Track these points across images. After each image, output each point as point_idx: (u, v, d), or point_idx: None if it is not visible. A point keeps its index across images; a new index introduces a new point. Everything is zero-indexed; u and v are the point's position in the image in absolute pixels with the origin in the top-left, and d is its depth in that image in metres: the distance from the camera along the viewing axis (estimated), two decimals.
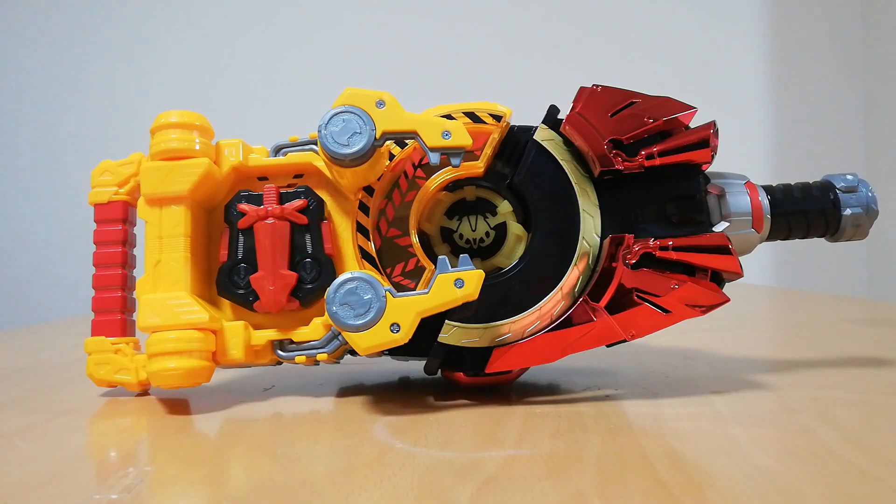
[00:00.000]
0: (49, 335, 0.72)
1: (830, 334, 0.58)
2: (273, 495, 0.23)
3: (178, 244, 0.36)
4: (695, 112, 0.35)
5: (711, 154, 0.35)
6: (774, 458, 0.26)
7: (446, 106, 0.36)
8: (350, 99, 0.33)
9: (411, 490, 0.23)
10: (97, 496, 0.23)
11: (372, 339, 0.32)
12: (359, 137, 0.33)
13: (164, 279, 0.36)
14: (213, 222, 0.38)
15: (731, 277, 0.35)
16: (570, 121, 0.35)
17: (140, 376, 0.37)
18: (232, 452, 0.29)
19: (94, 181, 0.39)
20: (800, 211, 0.37)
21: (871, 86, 1.41)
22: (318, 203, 0.36)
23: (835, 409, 0.33)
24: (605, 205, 0.36)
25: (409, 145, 0.37)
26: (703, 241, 0.34)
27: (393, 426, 0.31)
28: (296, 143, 0.38)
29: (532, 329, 0.35)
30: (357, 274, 0.32)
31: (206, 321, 0.34)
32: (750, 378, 0.40)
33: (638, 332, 0.34)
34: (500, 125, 0.36)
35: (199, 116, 0.37)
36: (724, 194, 0.36)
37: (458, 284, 0.32)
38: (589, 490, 0.23)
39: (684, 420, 0.31)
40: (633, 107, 0.35)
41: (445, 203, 0.38)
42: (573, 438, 0.29)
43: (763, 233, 0.37)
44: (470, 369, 0.35)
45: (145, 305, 0.35)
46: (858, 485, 0.23)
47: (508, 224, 0.37)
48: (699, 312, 0.34)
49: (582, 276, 0.35)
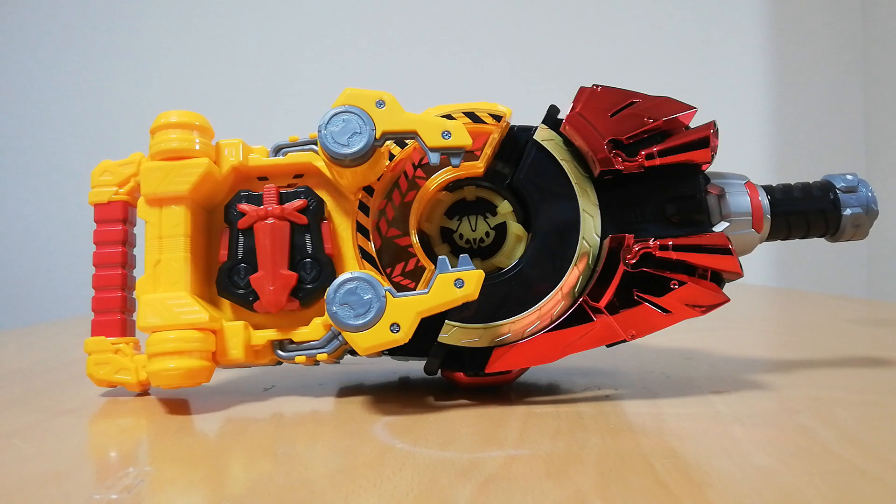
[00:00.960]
0: (49, 335, 0.72)
1: (830, 334, 0.58)
2: (273, 495, 0.23)
3: (178, 244, 0.36)
4: (695, 112, 0.35)
5: (711, 154, 0.35)
6: (774, 458, 0.26)
7: (446, 106, 0.36)
8: (350, 99, 0.33)
9: (411, 490, 0.23)
10: (97, 496, 0.23)
11: (372, 339, 0.32)
12: (359, 137, 0.33)
13: (164, 279, 0.36)
14: (213, 222, 0.38)
15: (731, 277, 0.35)
16: (570, 121, 0.35)
17: (140, 376, 0.37)
18: (232, 452, 0.29)
19: (94, 181, 0.39)
20: (800, 211, 0.37)
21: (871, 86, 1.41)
22: (318, 203, 0.36)
23: (835, 409, 0.33)
24: (605, 205, 0.36)
25: (409, 145, 0.37)
26: (704, 241, 0.34)
27: (393, 426, 0.31)
28: (296, 143, 0.38)
29: (532, 329, 0.35)
30: (357, 274, 0.32)
31: (206, 321, 0.34)
32: (750, 378, 0.40)
33: (638, 333, 0.34)
34: (500, 125, 0.36)
35: (199, 116, 0.37)
36: (724, 194, 0.36)
37: (459, 284, 0.32)
38: (589, 490, 0.23)
39: (684, 420, 0.31)
40: (633, 107, 0.35)
41: (445, 203, 0.38)
42: (573, 438, 0.29)
43: (763, 233, 0.37)
44: (470, 369, 0.35)
45: (145, 305, 0.35)
46: (858, 485, 0.23)
47: (508, 224, 0.37)
48: (699, 312, 0.34)
49: (582, 276, 0.35)
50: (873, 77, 1.40)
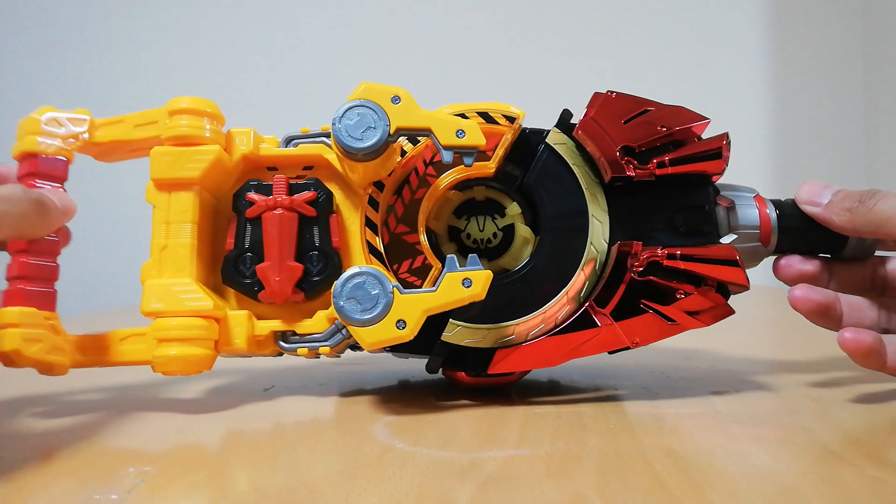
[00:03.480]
0: None
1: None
2: (273, 495, 0.23)
3: (185, 230, 0.36)
4: (708, 123, 0.35)
5: (723, 166, 0.35)
6: (774, 458, 0.26)
7: (460, 105, 0.36)
8: (365, 93, 0.33)
9: (411, 490, 0.23)
10: (97, 496, 0.23)
11: (377, 334, 0.32)
12: (373, 132, 0.33)
13: (170, 265, 0.35)
14: (221, 210, 0.38)
15: (737, 290, 0.35)
16: (583, 126, 0.35)
17: (74, 358, 0.35)
18: (232, 452, 0.29)
19: (34, 127, 0.35)
20: (808, 227, 0.37)
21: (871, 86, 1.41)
22: (327, 196, 0.36)
23: (835, 409, 0.33)
24: (615, 211, 0.36)
25: (422, 142, 0.37)
26: (711, 252, 0.34)
27: (393, 426, 0.32)
28: (307, 134, 0.37)
29: (536, 332, 0.35)
30: (365, 269, 0.32)
31: (210, 309, 0.34)
32: (750, 378, 0.40)
33: (642, 341, 0.34)
34: (513, 127, 0.36)
35: (211, 103, 0.37)
36: (734, 206, 0.36)
37: (466, 284, 0.32)
38: (589, 490, 0.23)
39: (684, 420, 0.32)
40: (646, 115, 0.35)
41: (455, 202, 0.38)
42: (573, 438, 0.29)
43: (770, 246, 0.37)
44: (472, 369, 0.35)
45: (149, 290, 0.35)
46: (858, 485, 0.23)
47: (516, 226, 0.37)
48: (704, 323, 0.34)
49: (588, 281, 0.35)
50: (873, 77, 1.40)
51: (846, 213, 0.34)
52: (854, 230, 0.34)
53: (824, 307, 0.34)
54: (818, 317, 0.35)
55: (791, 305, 0.34)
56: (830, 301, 0.34)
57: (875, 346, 0.32)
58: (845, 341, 0.32)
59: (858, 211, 0.34)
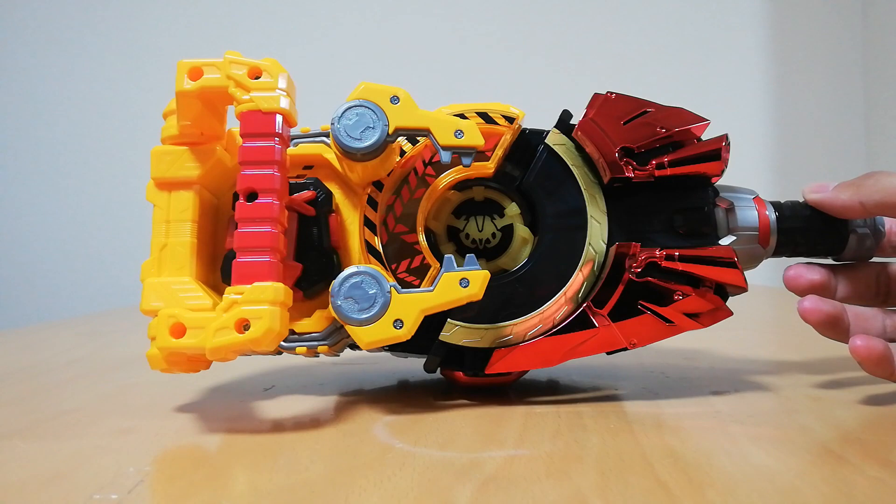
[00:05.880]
0: (49, 335, 0.72)
1: None
2: (273, 495, 0.23)
3: (185, 229, 0.36)
4: (707, 124, 0.35)
5: (722, 167, 0.35)
6: (774, 458, 0.26)
7: (460, 105, 0.36)
8: (365, 93, 0.33)
9: (411, 490, 0.23)
10: (97, 496, 0.23)
11: (375, 333, 0.32)
12: (371, 132, 0.33)
13: (170, 263, 0.35)
14: (221, 209, 0.38)
15: (735, 291, 0.35)
16: (583, 127, 0.35)
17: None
18: (232, 452, 0.29)
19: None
20: (806, 229, 0.37)
21: (871, 86, 1.41)
22: (326, 195, 0.36)
23: (835, 409, 0.33)
24: (614, 212, 0.36)
25: (421, 142, 0.37)
26: (710, 254, 0.34)
27: (393, 426, 0.32)
28: (307, 134, 0.38)
29: (534, 332, 0.35)
30: (363, 268, 0.32)
31: (209, 307, 0.34)
32: (750, 378, 0.40)
33: (639, 342, 0.34)
34: (512, 127, 0.36)
35: None
36: (733, 208, 0.36)
37: (464, 284, 0.32)
38: (589, 490, 0.23)
39: (684, 420, 0.32)
40: (645, 116, 0.35)
41: (453, 202, 0.38)
42: (573, 438, 0.29)
43: (769, 248, 0.37)
44: (470, 369, 0.35)
45: (149, 288, 0.35)
46: (858, 485, 0.23)
47: (515, 226, 0.37)
48: (702, 325, 0.34)
49: (586, 282, 0.35)
50: (873, 77, 1.40)
51: (852, 187, 0.35)
52: (860, 204, 0.35)
53: (833, 318, 0.34)
54: (827, 328, 0.35)
55: (801, 317, 0.35)
56: (838, 312, 0.35)
57: (886, 353, 0.32)
58: (857, 348, 0.33)
59: (864, 184, 0.34)
